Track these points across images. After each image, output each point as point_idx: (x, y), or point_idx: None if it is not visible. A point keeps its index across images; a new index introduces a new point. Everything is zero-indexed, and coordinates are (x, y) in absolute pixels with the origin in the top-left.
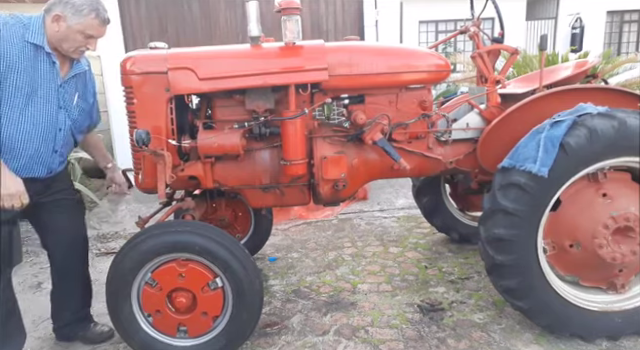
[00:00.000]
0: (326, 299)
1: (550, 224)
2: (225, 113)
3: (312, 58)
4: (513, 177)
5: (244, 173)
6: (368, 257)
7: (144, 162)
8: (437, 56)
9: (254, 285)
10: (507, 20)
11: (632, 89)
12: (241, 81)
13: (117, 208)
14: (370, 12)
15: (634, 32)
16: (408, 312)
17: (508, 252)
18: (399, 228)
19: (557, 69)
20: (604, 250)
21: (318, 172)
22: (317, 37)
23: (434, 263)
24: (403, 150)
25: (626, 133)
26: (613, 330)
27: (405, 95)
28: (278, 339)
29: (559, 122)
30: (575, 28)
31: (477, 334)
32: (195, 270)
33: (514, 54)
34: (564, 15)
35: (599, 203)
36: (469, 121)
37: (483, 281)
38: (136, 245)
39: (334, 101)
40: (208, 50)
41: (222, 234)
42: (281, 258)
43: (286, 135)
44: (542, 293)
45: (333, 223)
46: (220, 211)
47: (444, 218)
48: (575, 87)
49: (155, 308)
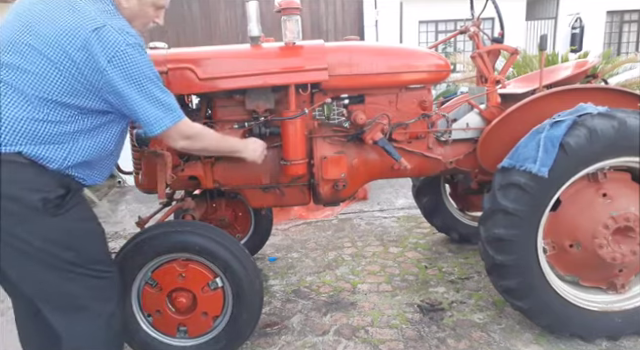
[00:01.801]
0: (326, 299)
1: (550, 224)
2: (225, 113)
3: (312, 58)
4: (513, 177)
5: (244, 173)
6: (368, 257)
7: (144, 162)
8: (437, 56)
9: (254, 285)
10: (507, 20)
11: (632, 89)
12: (241, 81)
13: (117, 208)
14: (370, 12)
15: (634, 32)
16: (408, 312)
17: (508, 252)
18: (399, 228)
19: (557, 69)
20: (604, 250)
21: (318, 172)
22: (317, 37)
23: (434, 263)
24: (403, 150)
25: (626, 133)
26: (613, 330)
27: (405, 95)
28: (278, 339)
29: (559, 122)
30: (575, 28)
31: (477, 334)
32: (195, 270)
33: (514, 54)
34: (564, 15)
35: (599, 203)
36: (469, 121)
37: (483, 281)
38: (136, 245)
39: (334, 101)
40: (208, 50)
41: (222, 234)
42: (281, 258)
43: (286, 135)
44: (542, 293)
45: (333, 223)
46: (220, 211)
47: (444, 218)
48: (575, 87)
49: (155, 308)
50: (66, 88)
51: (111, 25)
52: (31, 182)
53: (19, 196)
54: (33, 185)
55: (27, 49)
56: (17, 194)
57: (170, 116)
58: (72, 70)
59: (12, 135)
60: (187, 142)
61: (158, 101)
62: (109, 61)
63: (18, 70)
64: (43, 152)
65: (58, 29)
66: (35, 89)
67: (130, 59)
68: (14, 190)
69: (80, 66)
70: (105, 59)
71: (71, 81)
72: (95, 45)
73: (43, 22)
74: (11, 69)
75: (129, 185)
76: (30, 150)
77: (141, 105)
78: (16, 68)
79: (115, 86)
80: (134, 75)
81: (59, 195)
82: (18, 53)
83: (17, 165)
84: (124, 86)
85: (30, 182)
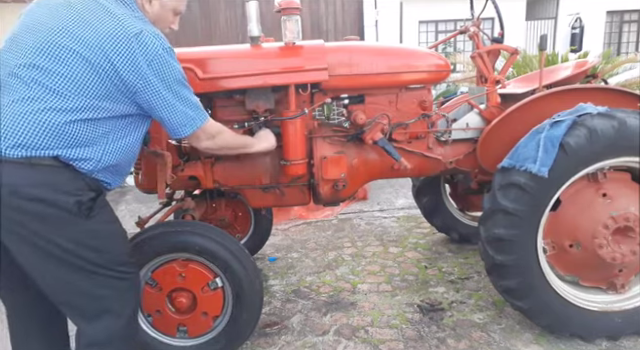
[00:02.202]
0: (326, 299)
1: (550, 224)
2: (225, 113)
3: (312, 58)
4: (513, 177)
5: (244, 173)
6: (368, 257)
7: (144, 162)
8: (437, 56)
9: (254, 285)
10: (507, 20)
11: (632, 89)
12: (241, 81)
13: (117, 208)
14: (370, 12)
15: (634, 32)
16: (408, 312)
17: (508, 252)
18: (399, 228)
19: (557, 69)
20: (604, 250)
21: (318, 172)
22: (317, 37)
23: (434, 263)
24: (403, 150)
25: (626, 133)
26: (613, 330)
27: (405, 95)
28: (278, 339)
29: (559, 122)
30: (575, 28)
31: (477, 334)
32: (195, 270)
33: (514, 54)
34: (564, 15)
35: (599, 203)
36: (469, 121)
37: (483, 281)
38: (136, 245)
39: (334, 101)
40: (208, 50)
41: (222, 234)
42: (281, 258)
43: (286, 135)
44: (542, 293)
45: (333, 223)
46: (220, 211)
47: (444, 218)
48: (575, 87)
49: (155, 308)
50: (102, 91)
51: (147, 30)
52: (66, 185)
53: (55, 199)
54: (68, 188)
55: (65, 52)
56: (53, 198)
57: (200, 116)
58: (110, 73)
59: (48, 138)
60: (211, 141)
61: (190, 102)
62: (149, 64)
63: (54, 73)
64: (77, 154)
65: (100, 33)
66: (72, 91)
67: (166, 63)
68: (50, 194)
69: (119, 69)
70: (145, 63)
71: (107, 84)
72: (136, 49)
73: (81, 26)
74: (46, 72)
75: (129, 185)
76: (66, 153)
77: (175, 107)
78: (52, 71)
79: (153, 89)
80: (169, 78)
81: (91, 198)
82: (54, 56)
83: (52, 169)
84: (161, 88)
85: (65, 185)
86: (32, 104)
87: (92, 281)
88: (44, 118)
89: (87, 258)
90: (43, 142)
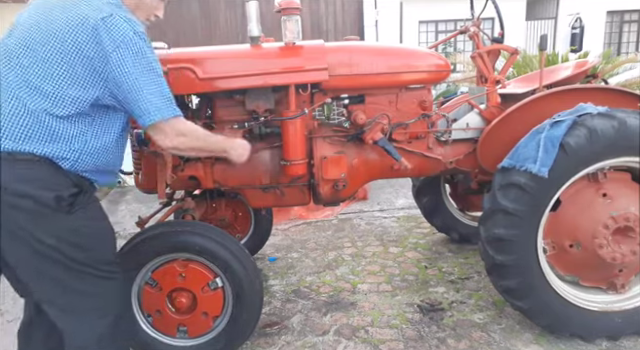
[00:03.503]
0: (326, 299)
1: (550, 224)
2: (225, 113)
3: (312, 58)
4: (513, 177)
5: (244, 173)
6: (368, 257)
7: (144, 162)
8: (437, 56)
9: (254, 285)
10: (507, 20)
11: (632, 89)
12: (241, 81)
13: (117, 208)
14: (370, 12)
15: (634, 32)
16: (408, 312)
17: (508, 252)
18: (399, 228)
19: (557, 69)
20: (604, 250)
21: (318, 172)
22: (317, 37)
23: (434, 263)
24: (403, 150)
25: (626, 133)
26: (613, 330)
27: (405, 95)
28: (278, 339)
29: (559, 122)
30: (575, 28)
31: (477, 334)
32: (195, 270)
33: (514, 54)
34: (564, 15)
35: (599, 203)
36: (469, 121)
37: (483, 281)
38: (136, 245)
39: (334, 101)
40: (208, 50)
41: (222, 234)
42: (281, 258)
43: (286, 135)
44: (542, 293)
45: (333, 223)
46: (220, 211)
47: (444, 218)
48: (575, 87)
49: (155, 308)
50: (72, 76)
51: (118, 14)
52: (45, 180)
53: (33, 194)
54: (47, 184)
55: (39, 45)
56: (31, 192)
57: (169, 109)
58: (79, 57)
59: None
60: (180, 140)
61: (160, 92)
62: (117, 47)
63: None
64: (53, 151)
65: (70, 18)
66: (41, 77)
67: (137, 47)
68: (29, 188)
69: (87, 53)
70: (112, 46)
71: (77, 68)
72: (103, 33)
73: (52, 16)
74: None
75: (129, 185)
76: (42, 149)
77: (142, 92)
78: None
79: (120, 72)
80: (139, 62)
81: (72, 194)
82: (30, 49)
83: (32, 163)
84: (129, 70)
85: (44, 180)
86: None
87: (75, 279)
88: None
89: (69, 255)
90: (19, 135)
